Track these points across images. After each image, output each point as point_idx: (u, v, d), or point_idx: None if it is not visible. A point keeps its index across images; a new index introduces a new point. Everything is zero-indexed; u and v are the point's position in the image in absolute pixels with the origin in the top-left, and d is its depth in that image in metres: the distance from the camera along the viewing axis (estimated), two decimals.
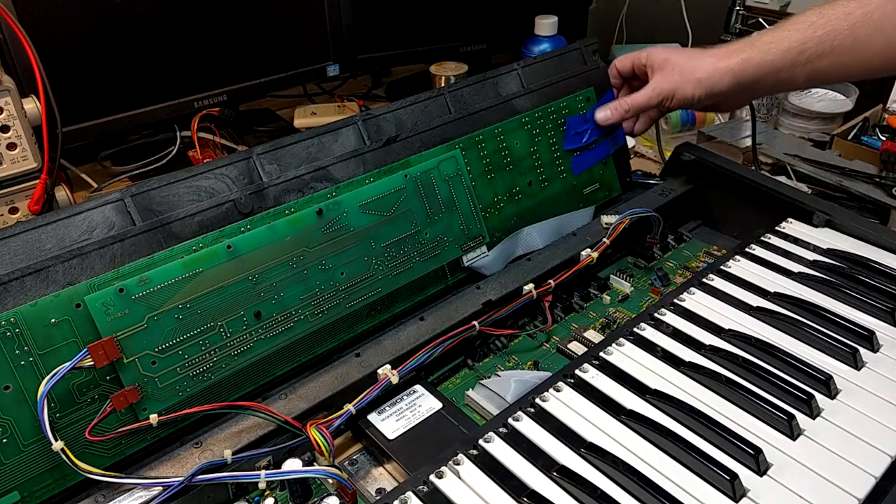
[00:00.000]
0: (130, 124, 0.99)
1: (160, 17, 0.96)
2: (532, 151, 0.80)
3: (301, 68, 1.13)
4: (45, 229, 0.54)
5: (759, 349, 0.62)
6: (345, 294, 0.65)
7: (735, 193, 0.86)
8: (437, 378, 0.68)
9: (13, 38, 0.82)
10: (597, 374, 0.61)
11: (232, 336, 0.59)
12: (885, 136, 1.03)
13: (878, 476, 0.51)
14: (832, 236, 0.78)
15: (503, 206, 0.77)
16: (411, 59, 1.28)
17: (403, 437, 0.59)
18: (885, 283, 0.69)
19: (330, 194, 0.65)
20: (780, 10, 1.25)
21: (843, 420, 0.56)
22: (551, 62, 0.85)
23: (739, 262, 0.75)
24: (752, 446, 0.52)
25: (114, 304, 0.54)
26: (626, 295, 0.78)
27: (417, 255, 0.70)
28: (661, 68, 0.79)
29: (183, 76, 1.01)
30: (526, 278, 0.72)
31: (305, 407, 0.58)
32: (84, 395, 0.53)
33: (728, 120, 1.21)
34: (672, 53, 0.80)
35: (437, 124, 0.74)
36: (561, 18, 1.19)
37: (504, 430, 0.56)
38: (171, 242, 0.58)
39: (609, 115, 0.83)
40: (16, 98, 0.79)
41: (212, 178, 0.62)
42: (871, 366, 0.61)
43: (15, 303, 0.51)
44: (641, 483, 0.50)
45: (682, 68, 0.78)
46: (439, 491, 0.51)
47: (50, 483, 0.52)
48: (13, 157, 0.82)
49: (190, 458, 0.54)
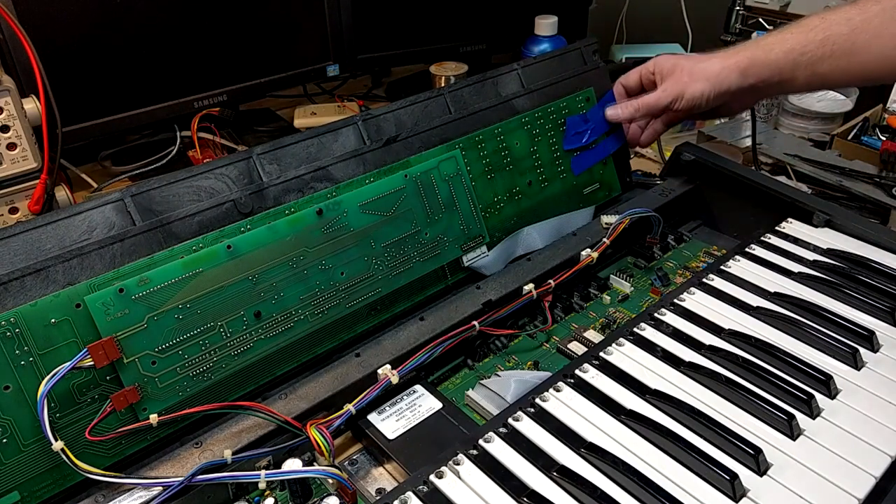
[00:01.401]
0: (130, 124, 0.99)
1: (160, 17, 0.96)
2: (532, 151, 0.80)
3: (301, 68, 1.13)
4: (45, 229, 0.54)
5: (759, 349, 0.62)
6: (345, 294, 0.65)
7: (735, 193, 0.86)
8: (437, 378, 0.68)
9: (13, 38, 0.82)
10: (597, 374, 0.61)
11: (232, 336, 0.59)
12: (885, 136, 1.03)
13: (878, 476, 0.51)
14: (832, 236, 0.78)
15: (503, 206, 0.77)
16: (411, 59, 1.28)
17: (403, 437, 0.59)
18: (885, 283, 0.69)
19: (330, 194, 0.65)
20: (780, 10, 1.25)
21: (843, 420, 0.56)
22: (551, 62, 0.85)
23: (739, 262, 0.75)
24: (752, 446, 0.52)
25: (114, 304, 0.54)
26: (626, 295, 0.78)
27: (417, 255, 0.70)
28: (671, 73, 0.80)
29: (183, 76, 1.01)
30: (526, 278, 0.72)
31: (305, 407, 0.58)
32: (84, 395, 0.53)
33: (728, 120, 1.20)
34: (679, 59, 0.81)
35: (437, 124, 0.74)
36: (561, 18, 1.19)
37: (504, 430, 0.56)
38: (171, 242, 0.58)
39: (619, 112, 0.84)
40: (16, 98, 0.79)
41: (212, 178, 0.62)
42: (871, 366, 0.61)
43: (15, 303, 0.51)
44: (641, 483, 0.50)
45: (690, 70, 0.79)
46: (439, 491, 0.51)
47: (50, 483, 0.52)
48: (13, 157, 0.82)
49: (190, 458, 0.54)
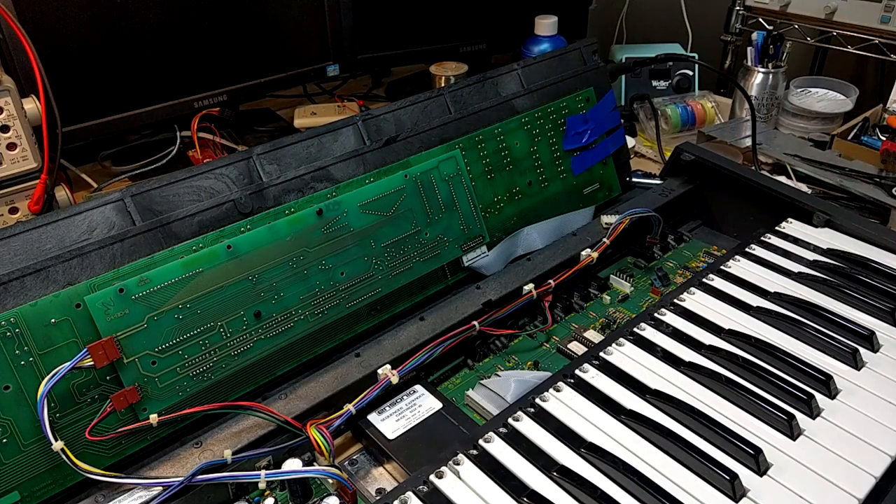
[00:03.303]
0: (130, 124, 0.99)
1: (160, 17, 0.96)
2: (532, 151, 0.80)
3: (301, 68, 1.13)
4: (45, 229, 0.54)
5: (759, 349, 0.62)
6: (345, 294, 0.65)
7: (735, 193, 0.86)
8: (437, 378, 0.68)
9: (13, 38, 0.82)
10: (597, 374, 0.61)
11: (232, 336, 0.59)
12: (885, 136, 1.03)
13: (878, 476, 0.51)
14: (832, 236, 0.78)
15: (503, 206, 0.77)
16: (411, 59, 1.28)
17: (403, 437, 0.59)
18: (885, 283, 0.69)
19: (330, 194, 0.65)
20: (780, 10, 1.25)
21: (843, 420, 0.56)
22: (551, 62, 0.85)
23: (739, 262, 0.75)
24: (752, 446, 0.52)
25: (114, 304, 0.54)
26: (626, 295, 0.78)
27: (417, 255, 0.70)
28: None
29: (183, 76, 1.01)
30: (526, 278, 0.72)
31: (305, 407, 0.58)
32: (84, 395, 0.53)
33: (728, 120, 1.21)
34: None
35: (437, 124, 0.74)
36: (561, 18, 1.19)
37: (504, 430, 0.56)
38: (171, 242, 0.58)
39: None
40: (16, 98, 0.79)
41: (212, 178, 0.62)
42: (871, 366, 0.61)
43: (15, 303, 0.51)
44: (641, 483, 0.50)
45: None
46: (439, 491, 0.51)
47: (50, 483, 0.52)
48: (13, 157, 0.82)
49: (190, 458, 0.54)
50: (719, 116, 1.20)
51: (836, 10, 1.17)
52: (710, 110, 1.18)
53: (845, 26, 1.18)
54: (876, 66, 1.37)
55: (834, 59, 1.40)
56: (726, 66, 1.40)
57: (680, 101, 1.19)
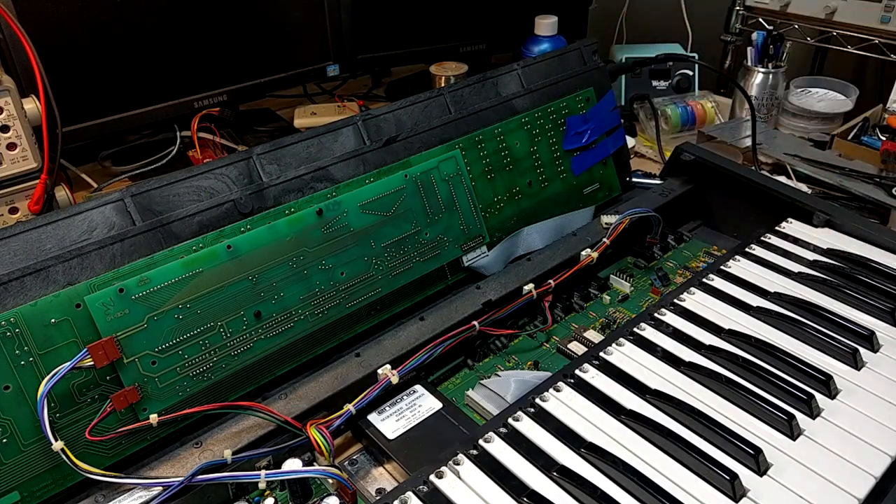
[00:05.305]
0: (130, 124, 0.99)
1: (160, 17, 0.96)
2: (532, 151, 0.80)
3: (301, 68, 1.13)
4: (45, 229, 0.54)
5: (759, 349, 0.62)
6: (345, 294, 0.65)
7: (735, 193, 0.86)
8: (437, 378, 0.68)
9: (13, 38, 0.82)
10: (597, 374, 0.61)
11: (232, 336, 0.59)
12: (885, 136, 1.03)
13: (878, 476, 0.51)
14: (832, 236, 0.78)
15: (503, 206, 0.77)
16: (411, 59, 1.28)
17: (403, 437, 0.59)
18: (885, 283, 0.69)
19: (330, 194, 0.65)
20: (780, 10, 1.25)
21: (843, 420, 0.56)
22: (551, 62, 0.85)
23: (739, 262, 0.75)
24: (752, 446, 0.52)
25: (114, 304, 0.54)
26: (626, 295, 0.78)
27: (417, 255, 0.70)
28: None
29: (183, 76, 1.01)
30: (526, 278, 0.72)
31: (305, 407, 0.58)
32: (84, 395, 0.53)
33: (728, 120, 1.21)
34: None
35: (437, 124, 0.74)
36: (561, 18, 1.19)
37: (504, 430, 0.56)
38: (171, 242, 0.58)
39: None
40: (16, 98, 0.79)
41: (212, 178, 0.62)
42: (871, 366, 0.61)
43: (15, 303, 0.51)
44: (641, 483, 0.50)
45: None
46: (439, 491, 0.51)
47: (50, 483, 0.52)
48: (13, 157, 0.82)
49: (190, 458, 0.54)
50: (719, 116, 1.20)
51: (836, 10, 1.17)
52: (710, 110, 1.19)
53: (845, 26, 1.18)
54: (876, 66, 1.37)
55: (834, 59, 1.40)
56: (726, 66, 1.40)
57: (680, 101, 1.19)
